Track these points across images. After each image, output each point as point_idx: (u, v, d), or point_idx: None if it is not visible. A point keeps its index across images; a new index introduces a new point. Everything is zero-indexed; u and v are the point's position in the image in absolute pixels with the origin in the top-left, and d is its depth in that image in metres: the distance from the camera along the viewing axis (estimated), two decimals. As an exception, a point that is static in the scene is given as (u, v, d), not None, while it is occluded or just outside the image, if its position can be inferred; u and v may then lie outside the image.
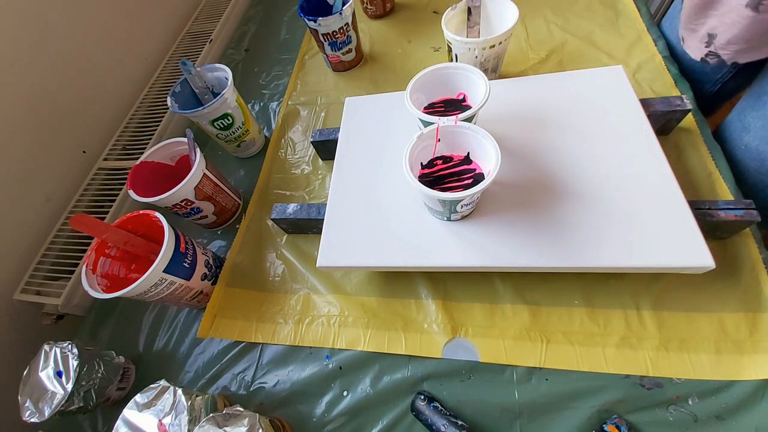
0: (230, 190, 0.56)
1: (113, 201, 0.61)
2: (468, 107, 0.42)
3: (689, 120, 0.48)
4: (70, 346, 0.42)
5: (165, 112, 0.70)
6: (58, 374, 0.40)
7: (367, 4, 0.76)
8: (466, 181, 0.38)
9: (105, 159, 0.66)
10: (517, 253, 0.37)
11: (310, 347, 0.45)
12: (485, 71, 0.54)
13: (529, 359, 0.39)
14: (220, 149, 0.67)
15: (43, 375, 0.41)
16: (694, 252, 0.34)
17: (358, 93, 0.64)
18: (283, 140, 0.64)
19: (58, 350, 0.42)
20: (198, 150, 0.49)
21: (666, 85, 0.53)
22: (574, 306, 0.41)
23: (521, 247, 0.37)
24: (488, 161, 0.36)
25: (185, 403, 0.36)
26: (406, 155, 0.36)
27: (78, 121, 0.64)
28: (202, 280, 0.47)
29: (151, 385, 0.38)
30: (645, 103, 0.44)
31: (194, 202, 0.49)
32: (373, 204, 0.43)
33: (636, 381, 0.36)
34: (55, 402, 0.39)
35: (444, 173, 0.40)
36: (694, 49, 0.48)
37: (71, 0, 0.63)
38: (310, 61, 0.75)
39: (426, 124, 0.39)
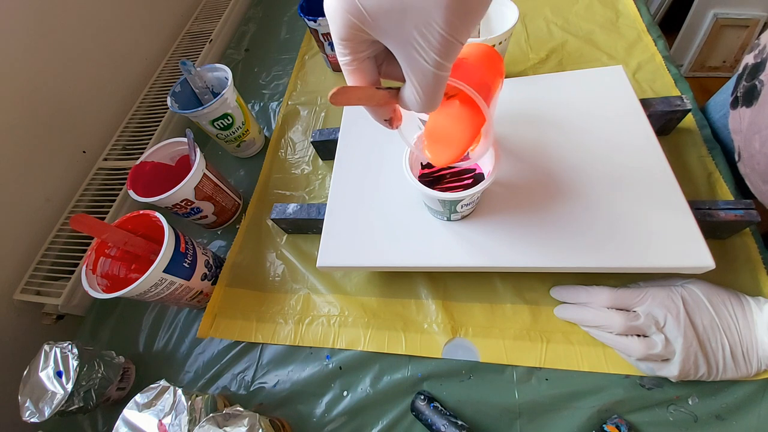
0: (230, 190, 0.56)
1: (113, 201, 0.61)
2: (468, 107, 0.42)
3: (689, 120, 0.48)
4: (70, 346, 0.42)
5: (165, 112, 0.70)
6: (58, 374, 0.40)
7: (367, 4, 0.76)
8: (466, 181, 0.38)
9: (105, 159, 0.66)
10: (517, 253, 0.37)
11: (310, 347, 0.45)
12: (485, 71, 0.54)
13: (529, 359, 0.39)
14: (220, 149, 0.67)
15: (43, 375, 0.41)
16: (694, 252, 0.33)
17: (358, 93, 0.64)
18: (283, 140, 0.64)
19: (58, 350, 0.42)
20: (198, 150, 0.49)
21: (666, 85, 0.53)
22: (574, 306, 0.41)
23: (521, 247, 0.37)
24: (488, 161, 0.36)
25: (185, 403, 0.36)
26: (406, 155, 0.36)
27: (78, 121, 0.64)
28: (202, 280, 0.47)
29: (151, 385, 0.38)
30: (645, 103, 0.44)
31: (194, 202, 0.49)
32: (373, 204, 0.43)
33: (636, 381, 0.36)
34: (55, 402, 0.39)
35: (444, 173, 0.40)
36: (762, 194, 0.39)
37: (71, 0, 0.63)
38: (310, 61, 0.75)
39: (426, 124, 0.39)
